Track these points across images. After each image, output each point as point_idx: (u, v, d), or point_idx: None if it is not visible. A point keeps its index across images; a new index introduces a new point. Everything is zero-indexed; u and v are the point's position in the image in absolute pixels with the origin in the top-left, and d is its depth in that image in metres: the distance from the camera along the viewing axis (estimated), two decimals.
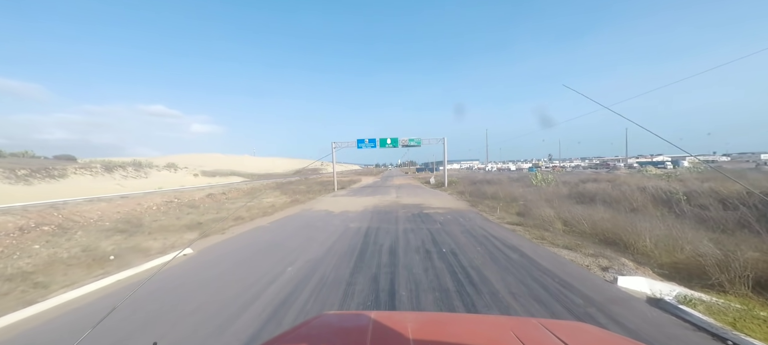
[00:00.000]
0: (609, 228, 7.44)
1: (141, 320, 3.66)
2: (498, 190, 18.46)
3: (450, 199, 17.22)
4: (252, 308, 3.89)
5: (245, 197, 26.88)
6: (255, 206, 15.81)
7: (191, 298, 4.29)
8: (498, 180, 27.96)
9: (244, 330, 3.36)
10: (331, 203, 16.23)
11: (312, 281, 4.78)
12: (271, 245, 7.21)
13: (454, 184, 28.82)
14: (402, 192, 22.85)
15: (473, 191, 20.05)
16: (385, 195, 20.47)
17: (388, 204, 14.90)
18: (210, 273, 5.42)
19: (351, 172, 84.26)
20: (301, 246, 6.92)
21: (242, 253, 6.66)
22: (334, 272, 5.17)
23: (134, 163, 47.10)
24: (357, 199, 18.47)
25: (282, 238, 7.77)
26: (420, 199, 17.37)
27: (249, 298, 4.21)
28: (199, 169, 54.75)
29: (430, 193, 22.01)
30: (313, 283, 4.72)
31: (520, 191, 17.62)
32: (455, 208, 12.89)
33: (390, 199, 17.21)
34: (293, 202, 17.56)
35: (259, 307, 3.93)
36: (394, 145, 28.98)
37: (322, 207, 14.48)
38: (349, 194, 22.65)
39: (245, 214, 13.75)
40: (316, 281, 4.77)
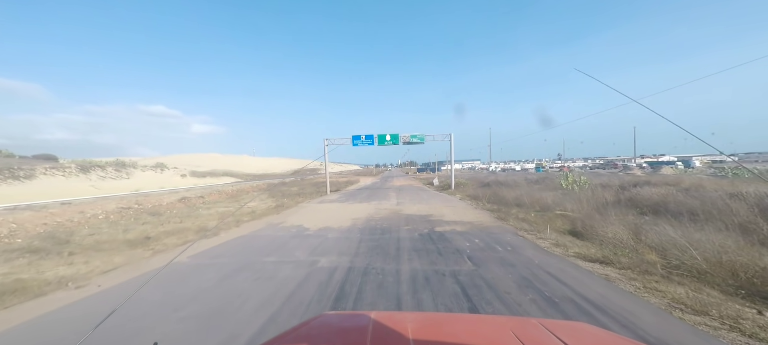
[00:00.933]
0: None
1: None
2: (520, 195, 14.81)
3: (465, 207, 13.46)
4: None
5: (226, 201, 23.45)
6: (229, 213, 12.73)
7: None
8: (512, 182, 24.24)
9: None
10: (312, 213, 12.51)
11: None
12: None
13: (462, 186, 25.12)
14: (403, 196, 19.16)
15: (489, 196, 16.35)
16: (384, 200, 16.76)
17: (387, 215, 11.20)
18: None
19: (350, 173, 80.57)
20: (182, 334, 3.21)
21: None
22: None
23: (117, 163, 43.48)
24: (348, 206, 14.77)
25: (171, 306, 4.07)
26: (427, 206, 13.64)
27: None
28: (189, 170, 51.09)
29: (438, 197, 18.27)
30: None
31: (550, 197, 13.96)
32: (479, 223, 9.16)
33: (389, 207, 13.49)
34: (275, 208, 14.01)
35: None
36: (394, 142, 25.31)
37: (297, 220, 10.76)
38: (340, 199, 18.95)
39: (192, 225, 10.19)
40: None
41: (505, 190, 18.44)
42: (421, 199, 16.81)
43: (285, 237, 7.80)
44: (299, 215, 11.91)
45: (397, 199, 17.53)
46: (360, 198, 18.72)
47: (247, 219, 11.18)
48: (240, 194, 30.62)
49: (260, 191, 34.73)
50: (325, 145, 25.33)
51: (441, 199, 17.33)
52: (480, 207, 13.20)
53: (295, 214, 12.24)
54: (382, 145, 25.25)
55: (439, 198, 17.82)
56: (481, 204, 14.23)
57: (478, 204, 14.46)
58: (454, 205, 13.83)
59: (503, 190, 18.43)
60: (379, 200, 16.76)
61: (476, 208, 12.93)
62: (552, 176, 26.50)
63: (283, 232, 8.40)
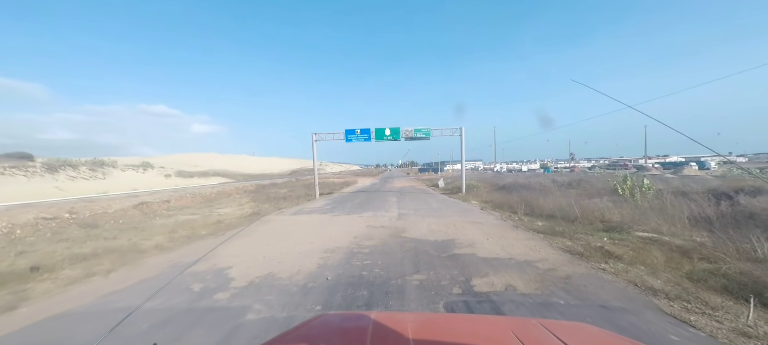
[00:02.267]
0: None
1: None
2: (561, 205, 10.73)
3: (496, 223, 9.21)
4: None
5: (198, 206, 19.63)
6: (180, 228, 10.03)
7: None
8: (536, 185, 20.06)
9: None
10: (273, 234, 8.35)
11: None
12: None
13: (473, 189, 20.96)
14: (406, 202, 15.01)
15: (514, 204, 12.23)
16: (380, 210, 12.59)
17: (382, 241, 7.04)
18: None
19: (348, 173, 76.45)
20: None
21: None
22: None
23: (94, 163, 39.42)
24: (330, 220, 10.62)
25: None
26: (441, 222, 9.42)
27: None
28: (175, 170, 46.98)
29: (450, 205, 14.09)
30: None
31: (604, 207, 9.93)
32: (544, 264, 4.99)
33: (387, 224, 9.31)
34: (244, 219, 10.19)
35: None
36: (394, 137, 21.16)
37: (240, 249, 6.61)
38: (326, 207, 14.79)
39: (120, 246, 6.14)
40: None
41: (533, 195, 14.31)
42: (430, 209, 12.65)
43: (162, 314, 3.65)
44: (253, 237, 7.78)
45: (399, 207, 13.37)
46: (350, 206, 14.56)
47: (180, 240, 7.10)
48: (220, 197, 26.55)
49: (246, 193, 30.65)
50: (313, 140, 21.19)
51: (455, 208, 13.16)
52: (516, 222, 9.01)
53: (251, 235, 8.11)
54: (381, 140, 21.11)
55: (452, 206, 13.65)
56: (515, 217, 10.05)
57: (506, 216, 10.28)
58: (480, 220, 9.65)
59: (531, 195, 14.30)
60: (375, 210, 12.59)
61: (513, 225, 8.73)
62: (587, 179, 22.30)
63: (179, 297, 4.24)
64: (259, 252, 6.25)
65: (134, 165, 44.90)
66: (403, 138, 21.35)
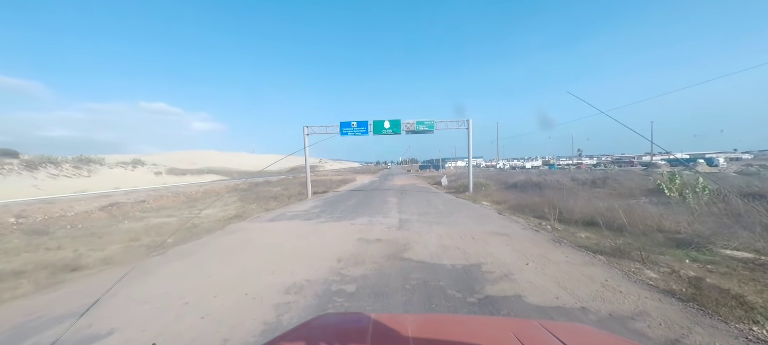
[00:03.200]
0: None
1: None
2: (593, 208, 8.66)
3: (526, 234, 7.01)
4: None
5: (180, 206, 17.75)
6: (145, 234, 8.71)
7: None
8: (554, 183, 17.91)
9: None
10: (226, 254, 6.21)
11: None
12: None
13: (482, 187, 18.78)
14: (409, 204, 12.86)
15: (536, 206, 10.11)
16: (378, 214, 10.45)
17: (378, 264, 4.92)
18: None
19: (348, 170, 74.24)
20: None
21: None
22: None
23: (81, 160, 37.30)
24: (314, 230, 8.48)
25: None
26: (454, 233, 7.22)
27: None
28: (166, 168, 44.82)
29: (461, 208, 11.92)
30: None
31: (660, 213, 7.80)
32: (662, 335, 2.88)
33: (385, 234, 7.17)
34: (229, 219, 8.28)
35: None
36: (394, 131, 18.99)
37: (155, 287, 4.49)
38: (315, 210, 12.66)
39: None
40: None
41: (554, 195, 12.16)
42: (436, 213, 10.50)
43: None
44: (197, 258, 5.64)
45: (400, 210, 11.24)
46: (343, 209, 12.40)
47: (136, 252, 4.99)
48: (207, 196, 24.46)
49: (236, 191, 28.54)
50: (304, 134, 19.01)
51: (466, 210, 11.00)
52: (554, 234, 6.85)
53: (197, 253, 5.97)
54: (380, 134, 18.93)
55: (462, 209, 11.49)
56: (546, 225, 7.88)
57: (534, 223, 8.12)
58: (504, 231, 7.48)
59: (553, 196, 12.15)
60: (371, 215, 10.43)
61: (551, 238, 6.55)
62: (612, 176, 20.12)
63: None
64: (185, 292, 4.10)
65: (125, 162, 42.80)
66: (405, 131, 19.18)
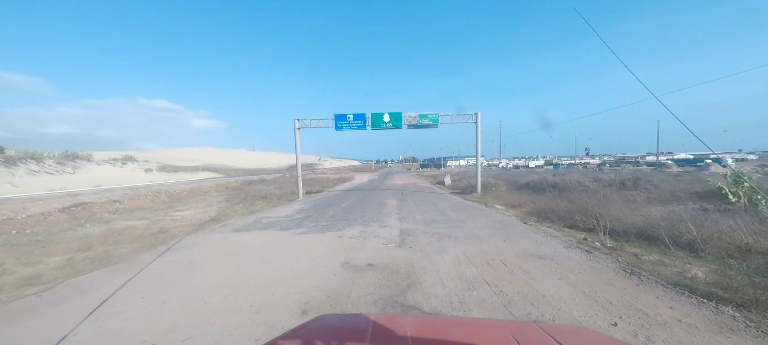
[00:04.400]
0: None
1: None
2: (645, 217, 6.68)
3: (578, 259, 4.95)
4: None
5: (158, 207, 15.93)
6: (99, 242, 7.19)
7: None
8: (568, 184, 15.93)
9: None
10: (143, 293, 4.23)
11: None
12: None
13: (492, 188, 16.77)
14: (409, 207, 10.87)
15: (567, 213, 8.14)
16: (374, 222, 8.45)
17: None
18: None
19: (347, 169, 72.20)
20: None
21: None
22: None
23: (67, 156, 35.32)
24: (288, 246, 6.47)
25: None
26: (473, 251, 5.20)
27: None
28: (158, 164, 42.80)
29: (472, 213, 9.87)
30: None
31: (733, 226, 5.72)
32: None
33: (379, 258, 5.17)
34: (207, 223, 6.24)
35: None
36: (395, 125, 16.98)
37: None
38: (297, 215, 10.66)
39: None
40: None
41: (584, 199, 10.19)
42: (447, 221, 8.50)
43: None
44: (88, 301, 3.71)
45: (401, 217, 9.24)
46: (333, 214, 10.40)
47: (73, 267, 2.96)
48: (192, 195, 22.51)
49: (226, 190, 26.59)
50: (295, 127, 16.99)
51: (482, 218, 8.97)
52: (616, 257, 4.87)
53: (99, 289, 4.04)
54: (379, 128, 16.92)
55: (476, 215, 9.47)
56: (593, 241, 5.90)
57: (578, 238, 6.16)
58: (545, 252, 5.46)
59: (581, 199, 10.18)
60: (365, 223, 8.41)
61: (619, 266, 4.54)
62: (645, 176, 18.11)
63: None
64: None
65: (115, 158, 40.81)
66: (406, 125, 17.17)
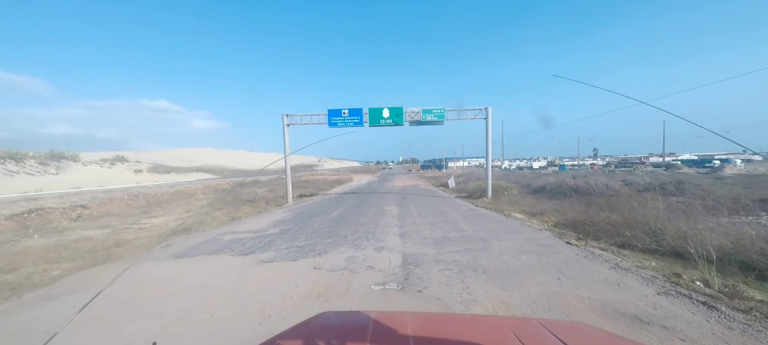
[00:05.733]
0: None
1: None
2: (732, 234, 4.59)
3: (703, 328, 3.09)
4: None
5: (128, 212, 14.14)
6: (28, 260, 5.67)
7: None
8: (592, 188, 13.96)
9: None
10: None
11: None
12: None
13: (502, 192, 14.78)
14: (413, 216, 8.85)
15: (615, 227, 6.15)
16: (368, 241, 6.46)
17: None
18: None
19: (346, 170, 70.23)
20: None
21: None
22: None
23: (52, 156, 33.40)
24: (241, 282, 4.53)
25: None
26: (525, 307, 3.39)
27: None
28: (149, 165, 40.85)
29: (494, 227, 7.84)
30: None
31: None
32: None
33: (361, 307, 3.30)
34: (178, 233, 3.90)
35: None
36: (395, 122, 15.03)
37: None
38: (271, 230, 8.65)
39: None
40: None
41: (614, 204, 8.22)
42: (463, 239, 6.52)
43: None
44: None
45: (404, 232, 7.27)
46: (319, 226, 8.42)
47: None
48: (175, 198, 20.56)
49: (215, 192, 24.65)
50: (284, 124, 15.04)
51: (510, 236, 6.96)
52: (756, 318, 2.96)
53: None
54: (377, 125, 14.98)
55: (500, 231, 7.45)
56: (692, 281, 3.96)
57: (651, 270, 4.21)
58: (631, 305, 3.46)
59: (613, 205, 8.20)
60: (357, 241, 6.45)
61: None
62: (688, 179, 16.07)
63: None
64: None
65: (105, 159, 38.89)
66: (408, 122, 15.22)
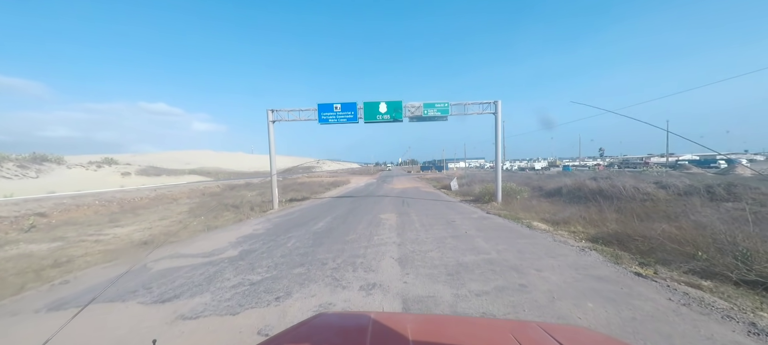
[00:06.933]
0: None
1: None
2: None
3: None
4: None
5: (92, 221, 12.98)
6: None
7: None
8: (620, 191, 12.15)
9: None
10: None
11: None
12: None
13: (514, 195, 12.97)
14: (417, 229, 7.06)
15: (670, 242, 4.34)
16: (354, 276, 4.76)
17: None
18: None
19: (345, 171, 68.39)
20: None
21: None
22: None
23: (34, 158, 31.54)
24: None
25: None
26: None
27: None
28: (137, 168, 38.97)
29: (531, 254, 6.01)
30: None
31: None
32: None
33: None
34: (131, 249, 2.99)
35: None
36: (393, 118, 13.25)
37: None
38: (230, 252, 6.79)
39: None
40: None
41: (655, 212, 6.46)
42: (487, 268, 4.72)
43: None
44: None
45: (403, 259, 5.45)
46: (295, 243, 6.61)
47: None
48: (154, 203, 18.73)
49: (203, 195, 22.83)
50: (269, 120, 13.24)
51: (548, 260, 5.15)
52: None
53: None
54: (373, 121, 13.21)
55: (537, 255, 5.64)
56: None
57: None
58: None
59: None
60: (334, 277, 4.64)
61: None
62: (739, 183, 14.22)
63: None
64: None
65: (92, 161, 37.04)
66: (407, 118, 13.44)
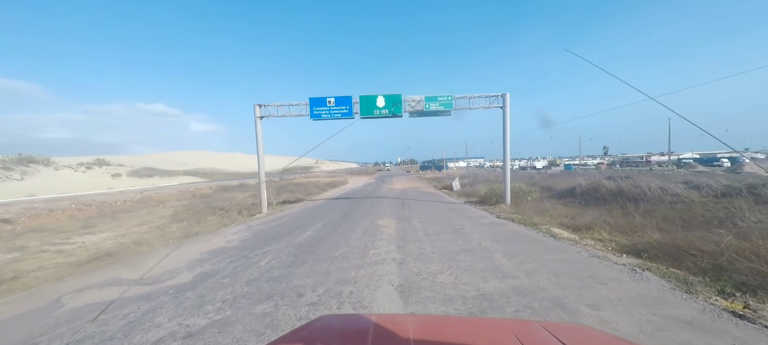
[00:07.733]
0: None
1: None
2: None
3: None
4: None
5: (62, 229, 11.79)
6: None
7: None
8: (644, 191, 11.02)
9: None
10: None
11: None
12: None
13: (523, 197, 11.80)
14: (421, 240, 5.84)
15: (730, 255, 3.13)
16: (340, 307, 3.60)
17: None
18: None
19: (343, 172, 67.21)
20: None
21: None
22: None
23: (20, 159, 30.27)
24: None
25: None
26: None
27: None
28: (129, 169, 37.68)
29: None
30: None
31: None
32: None
33: None
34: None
35: None
36: (392, 112, 12.07)
37: None
38: (190, 271, 5.54)
39: None
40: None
41: (692, 217, 5.29)
42: (524, 305, 3.56)
43: None
44: None
45: (404, 285, 4.23)
46: (273, 262, 5.39)
47: None
48: (138, 206, 17.49)
49: (190, 198, 21.60)
50: (256, 116, 12.05)
51: (606, 290, 3.93)
52: None
53: None
54: (370, 116, 12.03)
55: (571, 272, 4.43)
56: None
57: None
58: None
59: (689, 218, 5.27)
60: (312, 314, 3.51)
61: None
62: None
63: None
64: None
65: (81, 163, 35.75)
66: (407, 113, 12.26)
